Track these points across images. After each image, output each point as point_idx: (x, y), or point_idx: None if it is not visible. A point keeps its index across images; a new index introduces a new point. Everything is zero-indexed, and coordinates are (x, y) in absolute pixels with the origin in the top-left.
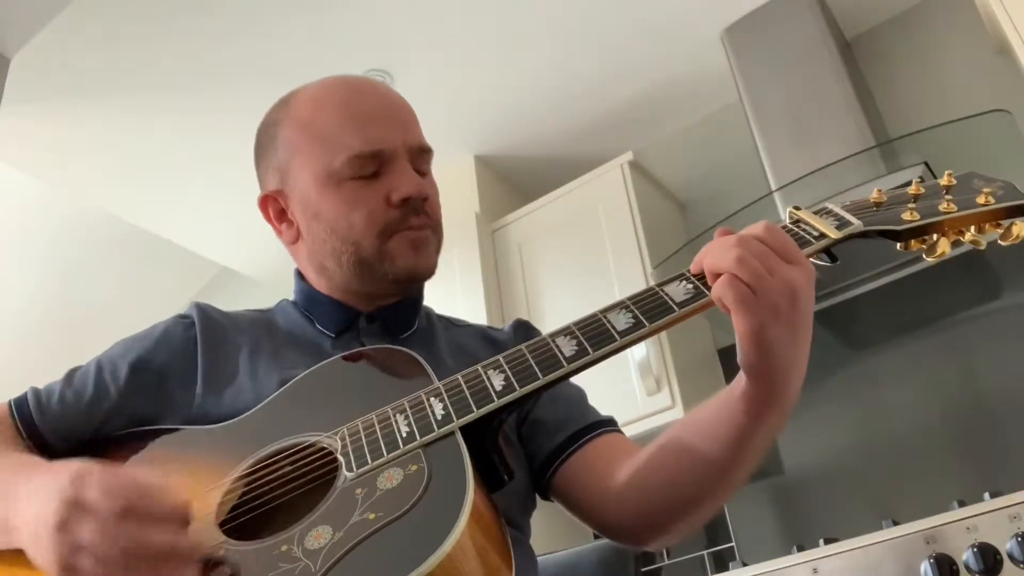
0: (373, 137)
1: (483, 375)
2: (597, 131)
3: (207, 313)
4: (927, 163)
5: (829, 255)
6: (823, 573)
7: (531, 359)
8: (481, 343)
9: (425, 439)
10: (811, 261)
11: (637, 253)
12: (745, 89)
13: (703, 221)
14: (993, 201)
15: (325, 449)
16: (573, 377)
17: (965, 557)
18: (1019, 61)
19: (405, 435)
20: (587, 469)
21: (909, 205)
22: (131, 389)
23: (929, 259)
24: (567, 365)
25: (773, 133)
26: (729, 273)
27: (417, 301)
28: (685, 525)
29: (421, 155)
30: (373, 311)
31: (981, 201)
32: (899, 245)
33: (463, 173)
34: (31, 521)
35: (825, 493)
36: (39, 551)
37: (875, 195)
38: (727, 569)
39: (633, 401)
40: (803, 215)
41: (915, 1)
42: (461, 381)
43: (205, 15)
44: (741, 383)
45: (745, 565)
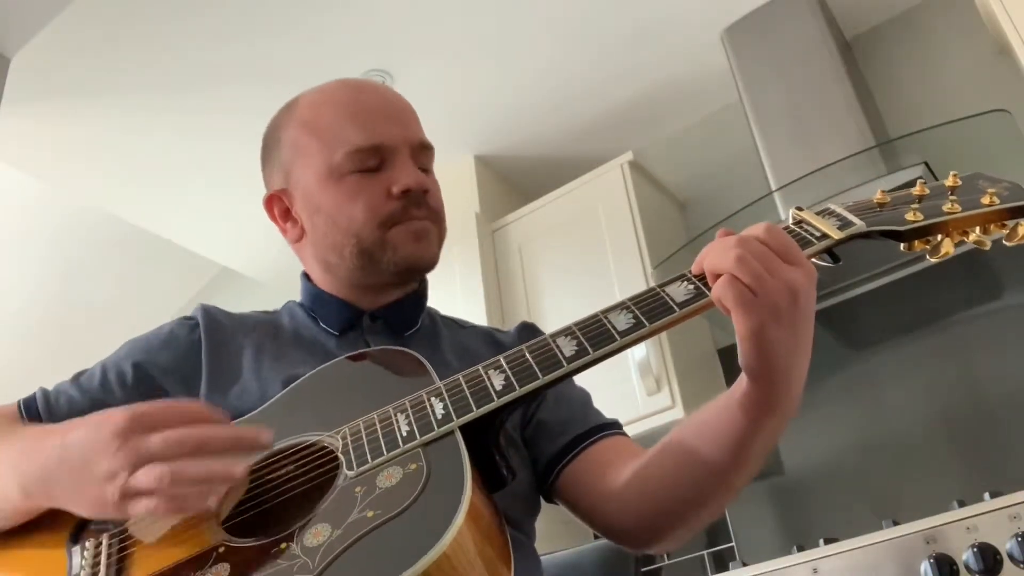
0: (374, 132)
1: (483, 375)
2: (597, 131)
3: (212, 314)
4: (927, 163)
5: (832, 256)
6: (823, 573)
7: (531, 359)
8: (486, 345)
9: (425, 438)
10: (813, 262)
11: (637, 253)
12: (745, 89)
13: (703, 221)
14: (998, 201)
15: (326, 448)
16: (575, 378)
17: (965, 557)
18: (1019, 61)
19: (405, 434)
20: (590, 472)
21: (913, 206)
22: (136, 390)
23: (933, 259)
24: (567, 365)
25: (773, 133)
26: (729, 273)
27: (420, 299)
28: (686, 528)
29: (423, 151)
30: (376, 309)
31: (986, 201)
32: (903, 246)
33: (463, 173)
34: (76, 454)
35: (825, 493)
36: (86, 475)
37: (879, 196)
38: (727, 569)
39: (633, 401)
40: (806, 216)
41: (915, 1)
42: (462, 381)
43: (205, 15)
44: (742, 385)
45: (745, 565)
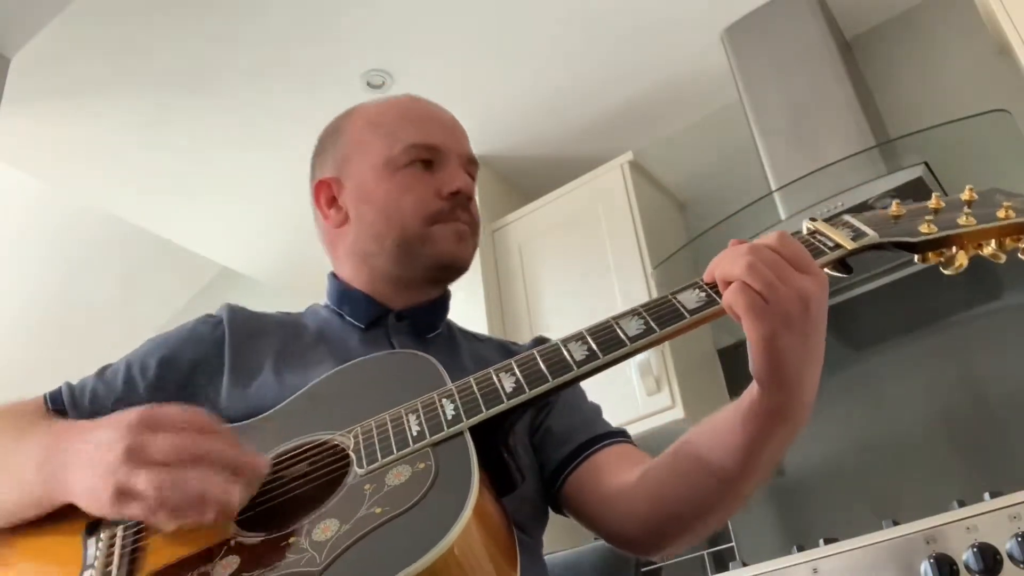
0: (432, 134)
1: (494, 377)
2: (597, 131)
3: (236, 312)
4: (927, 163)
5: (844, 266)
6: (823, 573)
7: (542, 363)
8: (501, 357)
9: (434, 438)
10: (826, 272)
11: (637, 253)
12: (745, 89)
13: (703, 221)
14: (1014, 215)
15: (338, 446)
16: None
17: (965, 557)
18: (1019, 61)
19: (415, 434)
20: (594, 479)
21: (927, 218)
22: (159, 385)
23: (947, 272)
24: (577, 369)
25: (773, 133)
26: (740, 281)
27: (445, 305)
28: (692, 534)
29: (471, 165)
30: (403, 309)
31: (1002, 215)
32: (916, 257)
33: None
34: (91, 448)
35: (825, 493)
36: (96, 467)
37: (894, 208)
38: (727, 569)
39: (633, 401)
40: (819, 226)
41: (915, 1)
42: (473, 383)
43: (205, 16)
44: (752, 393)
45: (745, 565)
